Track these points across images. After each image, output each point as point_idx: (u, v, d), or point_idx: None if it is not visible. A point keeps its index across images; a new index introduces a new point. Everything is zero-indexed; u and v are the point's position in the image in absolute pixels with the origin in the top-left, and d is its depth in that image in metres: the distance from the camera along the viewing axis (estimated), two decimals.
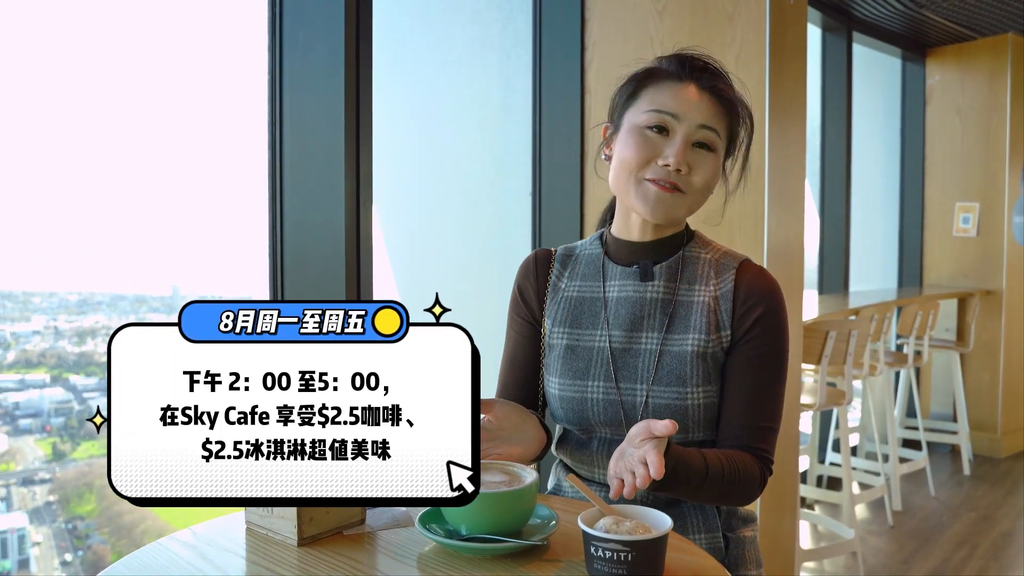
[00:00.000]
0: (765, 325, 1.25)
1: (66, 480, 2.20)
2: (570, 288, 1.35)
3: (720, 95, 1.25)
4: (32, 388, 2.14)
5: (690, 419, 1.23)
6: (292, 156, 2.02)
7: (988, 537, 3.67)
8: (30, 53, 1.96)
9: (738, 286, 1.26)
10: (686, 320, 1.25)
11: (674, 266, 1.29)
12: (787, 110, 2.43)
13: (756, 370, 1.24)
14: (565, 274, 1.36)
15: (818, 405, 3.08)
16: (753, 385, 1.24)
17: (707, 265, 1.29)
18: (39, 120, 2.01)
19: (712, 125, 1.23)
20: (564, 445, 1.36)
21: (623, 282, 1.30)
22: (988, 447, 4.96)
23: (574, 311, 1.32)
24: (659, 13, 2.50)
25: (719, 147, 1.25)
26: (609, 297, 1.30)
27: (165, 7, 2.12)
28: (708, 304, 1.26)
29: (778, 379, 1.27)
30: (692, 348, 1.23)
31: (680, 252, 1.30)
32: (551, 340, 1.34)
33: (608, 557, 0.88)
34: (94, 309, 2.26)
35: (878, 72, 5.27)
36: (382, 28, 2.08)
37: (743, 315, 1.25)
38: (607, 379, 1.26)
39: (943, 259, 5.21)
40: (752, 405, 1.24)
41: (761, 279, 1.27)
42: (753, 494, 1.23)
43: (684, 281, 1.28)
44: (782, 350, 1.27)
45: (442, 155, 2.84)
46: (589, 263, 1.35)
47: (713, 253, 1.31)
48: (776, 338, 1.26)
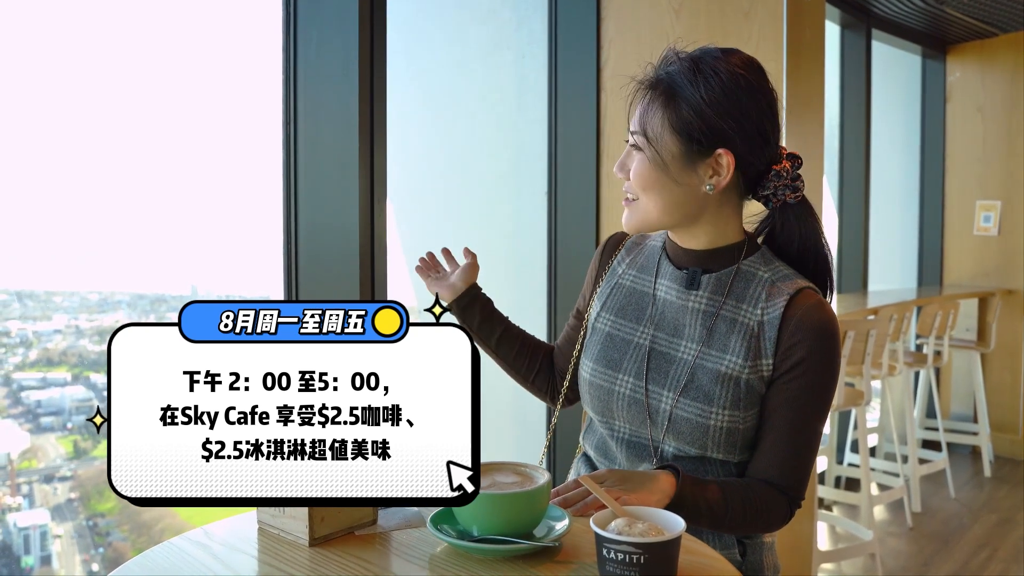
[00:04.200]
0: (812, 364, 1.17)
1: (87, 478, 2.22)
2: (626, 276, 1.35)
3: (653, 88, 1.20)
4: (54, 386, 2.17)
5: (710, 439, 1.20)
6: (306, 156, 2.02)
7: (1009, 540, 3.62)
8: (52, 56, 1.98)
9: (788, 316, 1.18)
10: (726, 338, 1.21)
11: (724, 279, 1.23)
12: (805, 108, 2.41)
13: (797, 408, 1.19)
14: (627, 260, 1.36)
15: (837, 406, 3.06)
16: (791, 423, 1.19)
17: (761, 284, 1.22)
18: (59, 123, 2.03)
19: (634, 127, 1.22)
20: (589, 435, 1.37)
21: (671, 284, 1.27)
22: (1009, 448, 4.90)
23: (623, 300, 1.32)
24: (675, 11, 2.49)
25: (643, 144, 1.20)
26: (657, 295, 1.29)
27: (181, 9, 2.13)
28: (751, 328, 1.20)
29: (819, 419, 1.21)
30: (726, 370, 1.19)
31: (735, 265, 1.24)
32: (596, 323, 1.34)
33: (620, 559, 0.87)
34: (114, 308, 2.28)
35: (897, 69, 5.22)
36: (396, 28, 2.08)
37: (789, 349, 1.18)
38: (637, 376, 1.25)
39: (963, 258, 5.15)
40: (789, 444, 1.20)
41: (817, 313, 1.18)
42: (774, 529, 1.23)
43: (732, 297, 1.22)
44: (828, 391, 1.20)
45: (457, 155, 2.84)
46: (650, 256, 1.34)
47: (773, 273, 1.23)
48: (823, 379, 1.19)
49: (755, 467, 1.22)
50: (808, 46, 2.43)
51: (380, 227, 1.98)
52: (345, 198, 1.96)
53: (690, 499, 1.12)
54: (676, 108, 1.18)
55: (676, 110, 1.18)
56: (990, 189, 5.03)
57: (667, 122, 1.18)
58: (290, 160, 2.03)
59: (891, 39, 4.81)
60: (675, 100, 1.18)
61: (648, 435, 1.25)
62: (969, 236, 5.12)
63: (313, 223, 2.02)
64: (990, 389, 4.87)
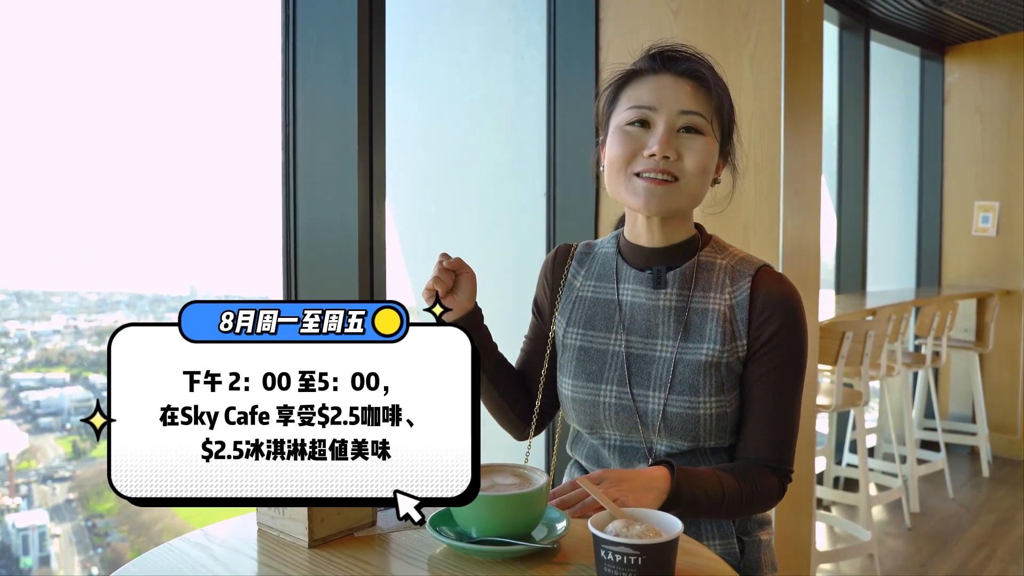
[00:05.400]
0: (783, 337, 1.22)
1: (86, 478, 2.22)
2: (585, 288, 1.34)
3: (697, 77, 1.22)
4: (52, 387, 2.17)
5: (702, 428, 1.22)
6: (305, 157, 2.03)
7: (1008, 540, 3.63)
8: (52, 56, 1.98)
9: (755, 295, 1.23)
10: (700, 329, 1.23)
11: (688, 273, 1.26)
12: (803, 109, 2.41)
13: (774, 382, 1.23)
14: (581, 272, 1.35)
15: (835, 406, 3.06)
16: (771, 398, 1.23)
17: (722, 272, 1.26)
18: (57, 122, 2.03)
19: (694, 109, 1.20)
20: (577, 446, 1.37)
21: (636, 287, 1.28)
22: (1008, 449, 4.91)
23: (588, 312, 1.32)
24: (674, 12, 2.49)
25: (708, 129, 1.21)
26: (623, 301, 1.29)
27: (180, 10, 2.14)
28: (723, 313, 1.23)
29: (796, 389, 1.25)
30: (705, 358, 1.22)
31: (695, 258, 1.27)
32: (565, 340, 1.33)
33: (618, 560, 0.88)
34: (113, 308, 2.28)
35: (896, 70, 5.22)
36: (395, 29, 2.08)
37: (760, 325, 1.22)
38: (620, 384, 1.26)
39: (962, 259, 5.15)
40: (770, 418, 1.23)
41: (779, 287, 1.24)
42: (771, 506, 1.25)
43: (698, 288, 1.25)
44: (801, 360, 1.25)
45: (456, 156, 2.84)
46: (605, 263, 1.34)
47: (729, 259, 1.28)
48: (795, 349, 1.24)
49: (743, 448, 1.25)
50: (807, 47, 2.43)
51: (379, 227, 1.98)
52: (344, 198, 1.96)
53: (687, 492, 1.13)
54: (720, 96, 1.23)
55: (720, 98, 1.23)
56: (988, 190, 5.04)
57: (718, 109, 1.23)
58: (289, 160, 2.03)
59: (889, 40, 4.81)
60: (715, 88, 1.23)
61: (640, 438, 1.26)
62: (967, 237, 5.12)
63: (312, 223, 2.03)
64: (988, 389, 4.87)
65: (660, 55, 1.25)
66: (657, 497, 1.10)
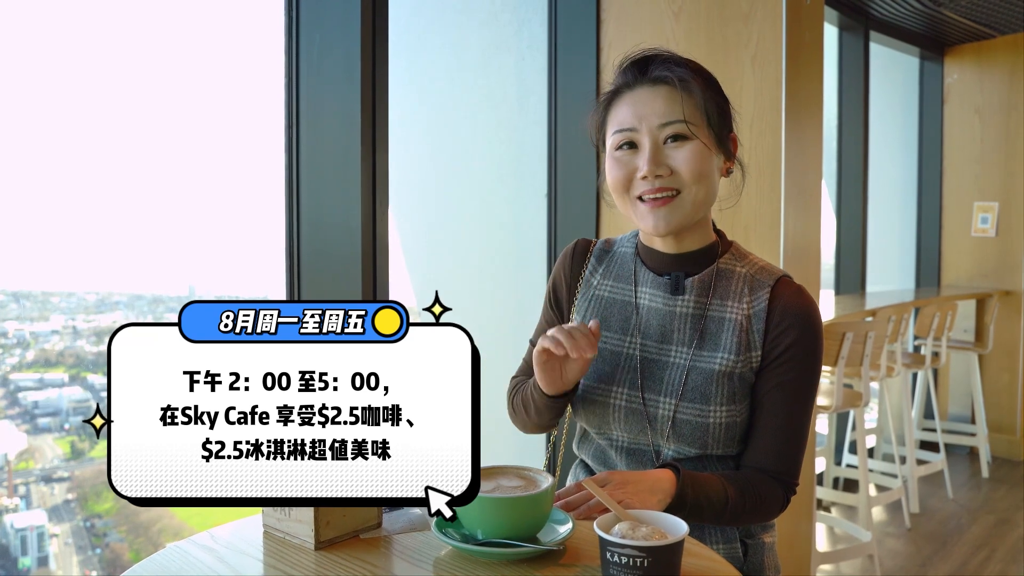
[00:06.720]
0: (798, 350, 1.21)
1: (84, 479, 2.22)
2: (602, 287, 1.33)
3: (668, 82, 1.20)
4: (51, 387, 2.16)
5: (711, 436, 1.21)
6: (309, 158, 2.03)
7: (1007, 540, 3.63)
8: (53, 57, 1.97)
9: (772, 306, 1.22)
10: (716, 337, 1.22)
11: (707, 280, 1.25)
12: (804, 110, 2.41)
13: (786, 395, 1.22)
14: (599, 270, 1.34)
15: (835, 407, 3.06)
16: (782, 410, 1.22)
17: (741, 280, 1.25)
18: (57, 122, 2.03)
19: (672, 118, 1.18)
20: (584, 445, 1.36)
21: (654, 291, 1.27)
22: (1007, 449, 4.92)
23: (604, 312, 1.31)
24: (675, 14, 2.49)
25: (694, 132, 1.19)
26: (640, 304, 1.28)
27: (183, 11, 2.13)
28: (740, 323, 1.22)
29: (808, 403, 1.24)
30: (719, 367, 1.21)
31: (714, 265, 1.26)
32: None
33: (624, 562, 0.87)
34: (112, 309, 2.28)
35: (896, 71, 5.23)
36: (397, 31, 2.08)
37: (776, 337, 1.21)
38: (632, 387, 1.25)
39: (961, 259, 5.16)
40: (780, 430, 1.22)
41: (797, 300, 1.22)
42: (772, 516, 1.25)
43: (716, 296, 1.24)
44: (814, 375, 1.24)
45: (458, 157, 2.84)
46: (623, 264, 1.33)
47: (749, 267, 1.27)
48: (809, 364, 1.22)
49: (749, 457, 1.24)
50: (807, 48, 2.43)
51: (382, 228, 1.98)
52: (347, 199, 1.96)
53: (691, 496, 1.13)
54: (702, 91, 1.20)
55: (702, 94, 1.20)
56: (988, 190, 5.04)
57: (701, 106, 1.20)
58: (292, 161, 2.03)
59: (889, 41, 4.82)
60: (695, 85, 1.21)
61: (648, 441, 1.25)
62: (967, 237, 5.13)
63: (315, 224, 2.03)
64: (988, 390, 4.88)
65: (631, 67, 1.24)
66: (662, 500, 1.10)
